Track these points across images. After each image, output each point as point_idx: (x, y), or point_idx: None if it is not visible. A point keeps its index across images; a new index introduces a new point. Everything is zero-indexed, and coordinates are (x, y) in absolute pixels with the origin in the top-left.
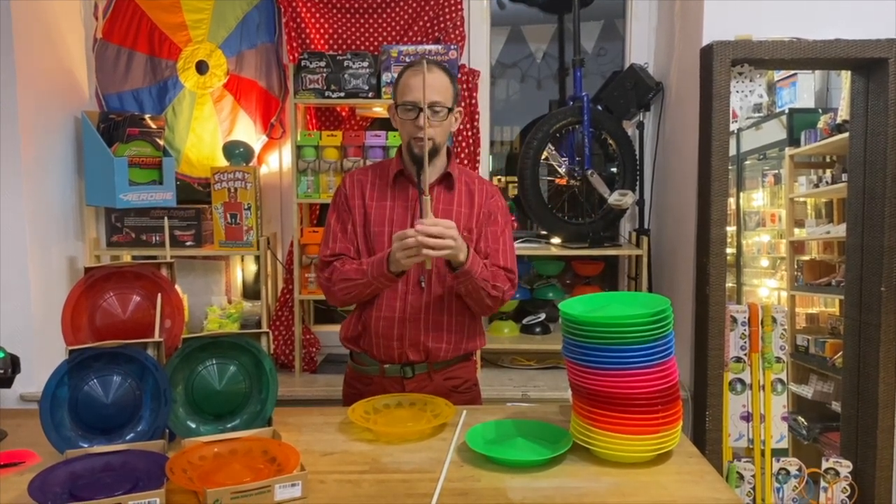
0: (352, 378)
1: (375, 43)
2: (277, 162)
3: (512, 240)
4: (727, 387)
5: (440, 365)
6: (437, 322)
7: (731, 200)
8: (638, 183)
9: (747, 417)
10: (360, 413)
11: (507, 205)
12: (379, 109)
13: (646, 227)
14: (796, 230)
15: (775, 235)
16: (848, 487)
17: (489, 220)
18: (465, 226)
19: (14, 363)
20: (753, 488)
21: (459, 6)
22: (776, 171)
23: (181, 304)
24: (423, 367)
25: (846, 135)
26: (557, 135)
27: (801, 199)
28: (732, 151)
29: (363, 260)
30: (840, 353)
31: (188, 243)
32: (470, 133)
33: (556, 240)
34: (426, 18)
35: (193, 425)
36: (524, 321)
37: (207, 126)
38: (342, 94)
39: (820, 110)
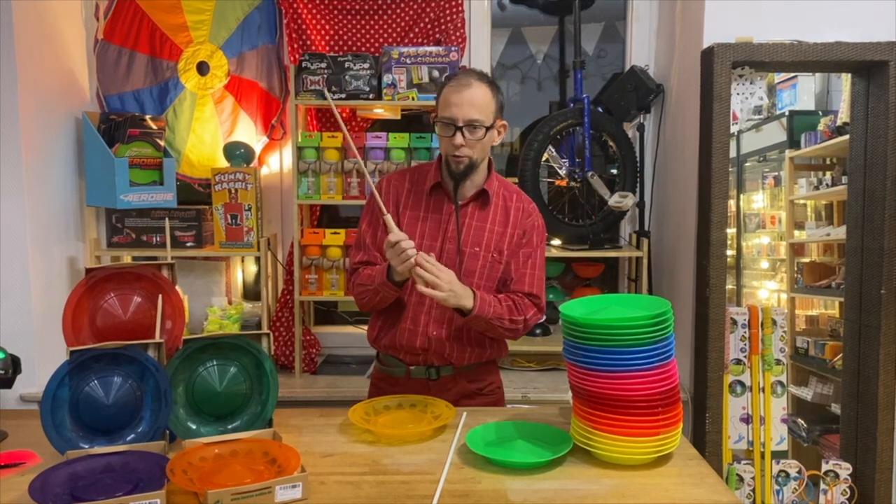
0: (378, 379)
1: (376, 44)
2: (278, 163)
3: (543, 262)
4: (727, 389)
5: (465, 368)
6: (458, 335)
7: (731, 202)
8: (638, 185)
9: (747, 419)
10: (360, 414)
11: (543, 223)
12: (380, 111)
13: (646, 228)
14: (796, 232)
15: (775, 237)
16: (848, 490)
17: (522, 240)
18: (496, 247)
19: (15, 364)
20: (753, 490)
21: (460, 8)
22: (776, 174)
23: (182, 305)
24: (449, 370)
25: (846, 137)
26: (558, 136)
27: (802, 202)
28: (732, 153)
29: (376, 266)
30: (840, 356)
31: (189, 244)
32: None
33: (556, 241)
34: (427, 20)
35: (194, 426)
36: None
37: (208, 127)
38: (343, 96)
39: (820, 112)
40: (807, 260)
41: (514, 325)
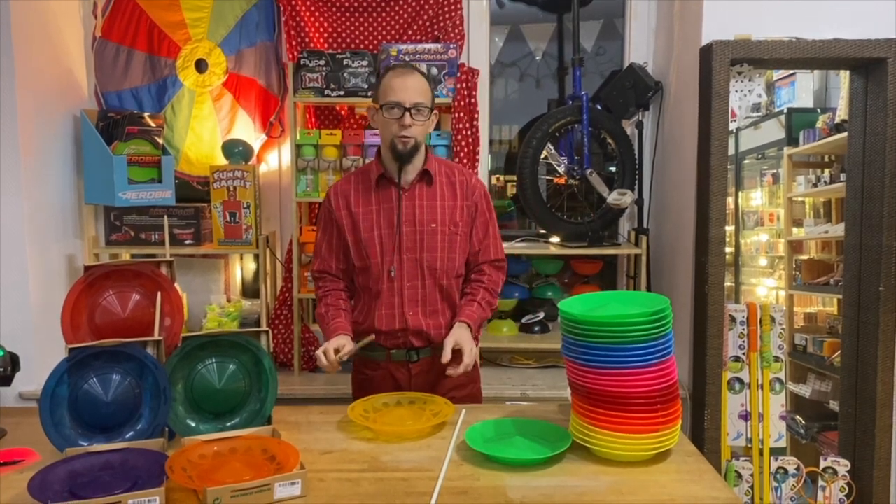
0: (360, 365)
1: (375, 42)
2: (277, 160)
3: (497, 225)
4: (726, 386)
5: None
6: (434, 309)
7: (730, 200)
8: (637, 182)
9: (746, 416)
10: (359, 412)
11: (486, 188)
12: None
13: (645, 226)
14: (794, 229)
15: (774, 235)
16: (846, 486)
17: (477, 212)
18: (451, 220)
19: (14, 361)
20: (752, 487)
21: (459, 5)
22: (775, 171)
23: (181, 302)
24: (427, 352)
25: (845, 134)
26: (556, 134)
27: (800, 199)
28: (731, 151)
29: (329, 313)
30: (838, 353)
31: (187, 242)
32: (469, 132)
33: (555, 239)
34: (425, 17)
35: (193, 424)
36: (523, 320)
37: (206, 124)
38: (341, 93)
39: (818, 110)
40: (805, 257)
41: (492, 308)
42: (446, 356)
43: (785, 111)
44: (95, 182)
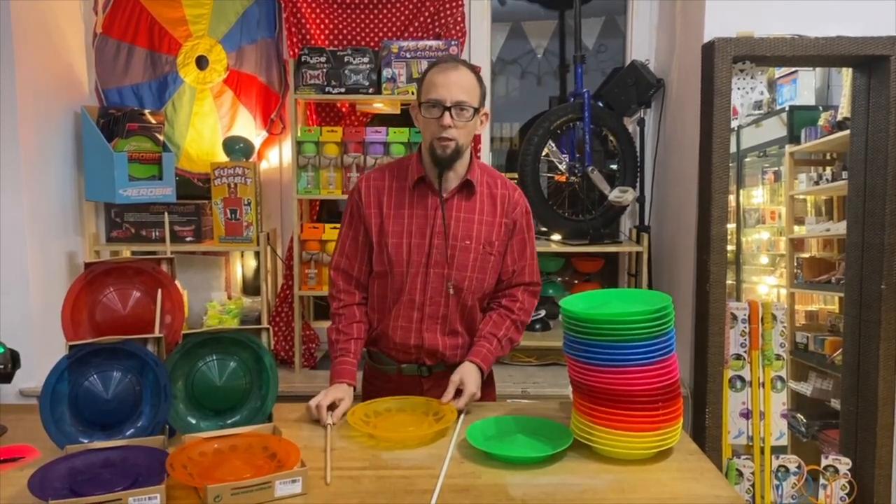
0: (371, 376)
1: (376, 38)
2: (277, 157)
3: (535, 245)
4: (727, 384)
5: (458, 364)
6: (452, 329)
7: (731, 198)
8: (638, 180)
9: (747, 414)
10: (359, 416)
11: (528, 205)
12: (379, 105)
13: (646, 223)
14: (796, 227)
15: (775, 233)
16: (847, 485)
17: (515, 229)
18: (486, 238)
19: (14, 358)
20: (753, 485)
21: (460, 2)
22: (776, 169)
23: (181, 299)
24: (441, 367)
25: (847, 132)
26: (558, 131)
27: (801, 197)
28: (733, 149)
29: (339, 344)
30: (839, 351)
31: (188, 239)
32: None
33: (556, 236)
34: (427, 14)
35: (193, 421)
36: None
37: (207, 121)
38: (342, 90)
39: (820, 107)
40: (806, 255)
41: (513, 343)
42: (448, 395)
43: (787, 109)
44: (96, 179)
